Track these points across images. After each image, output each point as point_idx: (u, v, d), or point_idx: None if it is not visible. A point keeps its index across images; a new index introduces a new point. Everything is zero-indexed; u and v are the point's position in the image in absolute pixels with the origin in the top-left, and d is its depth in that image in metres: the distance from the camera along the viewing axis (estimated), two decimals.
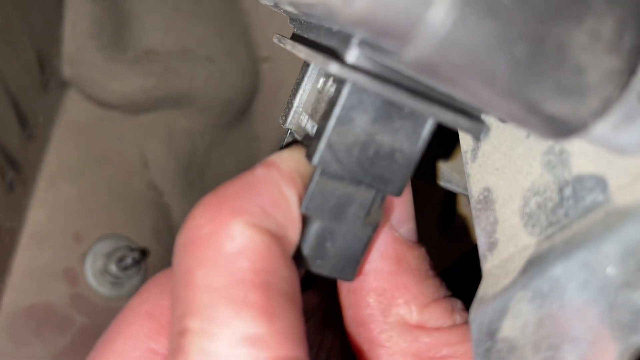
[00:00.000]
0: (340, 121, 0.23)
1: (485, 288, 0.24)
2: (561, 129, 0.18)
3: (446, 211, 0.50)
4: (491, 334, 0.22)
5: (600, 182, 0.21)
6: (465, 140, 0.30)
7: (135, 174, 0.65)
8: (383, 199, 0.24)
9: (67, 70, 0.61)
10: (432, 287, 0.25)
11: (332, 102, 0.23)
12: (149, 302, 0.24)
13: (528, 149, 0.25)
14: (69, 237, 0.60)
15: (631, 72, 0.17)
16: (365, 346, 0.24)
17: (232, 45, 0.68)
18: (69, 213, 0.61)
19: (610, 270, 0.18)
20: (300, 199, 0.23)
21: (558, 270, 0.20)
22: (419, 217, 0.28)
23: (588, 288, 0.19)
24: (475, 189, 0.28)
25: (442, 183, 0.34)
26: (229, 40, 0.68)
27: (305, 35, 0.27)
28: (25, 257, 0.57)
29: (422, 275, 0.24)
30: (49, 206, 0.59)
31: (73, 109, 0.62)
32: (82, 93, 0.63)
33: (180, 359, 0.19)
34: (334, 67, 0.21)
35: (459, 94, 0.18)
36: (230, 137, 0.72)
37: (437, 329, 0.24)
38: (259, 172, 0.22)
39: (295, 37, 0.28)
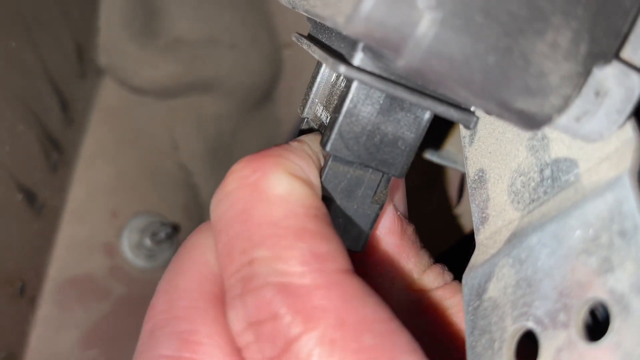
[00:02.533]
0: (349, 114, 0.27)
1: (477, 256, 0.28)
2: (530, 122, 0.21)
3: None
4: (479, 294, 0.25)
5: (573, 165, 0.25)
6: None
7: (166, 155, 0.70)
8: (388, 182, 0.28)
9: (102, 59, 0.66)
10: (426, 256, 0.29)
11: (342, 97, 0.27)
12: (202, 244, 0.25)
13: (516, 134, 0.29)
14: (106, 214, 0.65)
15: (587, 74, 0.20)
16: None
17: (255, 32, 0.71)
18: (107, 191, 0.65)
19: (573, 239, 0.22)
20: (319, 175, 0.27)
21: (534, 240, 0.24)
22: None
23: (555, 254, 0.22)
24: (471, 170, 0.32)
25: (448, 163, 0.37)
26: (252, 28, 0.71)
27: (319, 36, 0.31)
28: (67, 232, 0.62)
29: (418, 247, 0.28)
30: (88, 185, 0.64)
31: (108, 95, 0.67)
32: (117, 80, 0.67)
33: (254, 283, 0.21)
34: (342, 69, 0.25)
35: (445, 93, 0.22)
36: (254, 120, 0.76)
37: (434, 289, 0.28)
38: (294, 143, 0.26)
39: (311, 37, 0.32)
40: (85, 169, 0.65)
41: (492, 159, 0.30)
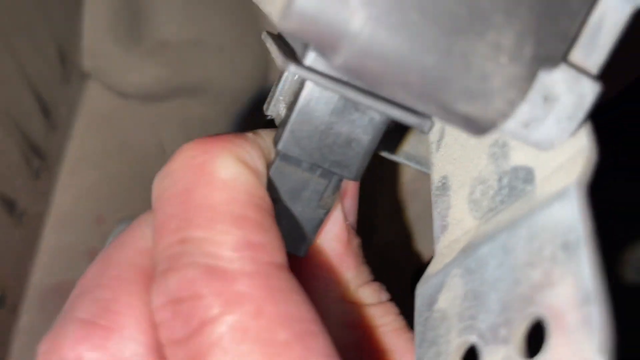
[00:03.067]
0: (301, 112, 0.26)
1: (432, 266, 0.27)
2: (475, 126, 0.20)
3: None
4: (430, 305, 0.24)
5: (530, 173, 0.24)
6: (432, 132, 0.33)
7: (152, 160, 0.69)
8: (337, 187, 0.27)
9: (87, 63, 0.65)
10: (366, 271, 0.28)
11: (296, 95, 0.26)
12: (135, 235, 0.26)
13: (479, 141, 0.28)
14: (91, 220, 0.64)
15: (533, 78, 0.19)
16: None
17: (243, 35, 0.71)
18: (92, 197, 0.65)
19: (519, 251, 0.21)
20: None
21: (485, 250, 0.23)
22: None
23: (503, 266, 0.21)
24: (435, 177, 0.31)
25: (417, 166, 0.36)
26: (240, 30, 0.71)
27: (285, 35, 0.30)
28: (51, 238, 0.62)
29: (360, 260, 0.28)
30: (72, 191, 0.64)
31: (93, 100, 0.66)
32: (102, 84, 0.66)
33: (181, 261, 0.21)
34: (291, 68, 0.24)
35: (385, 95, 0.21)
36: (242, 124, 0.75)
37: (369, 305, 0.27)
38: (249, 134, 0.26)
39: (279, 36, 0.31)
40: (70, 174, 0.64)
41: (456, 166, 0.29)
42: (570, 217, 0.18)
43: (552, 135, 0.20)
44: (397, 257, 0.63)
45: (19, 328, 0.58)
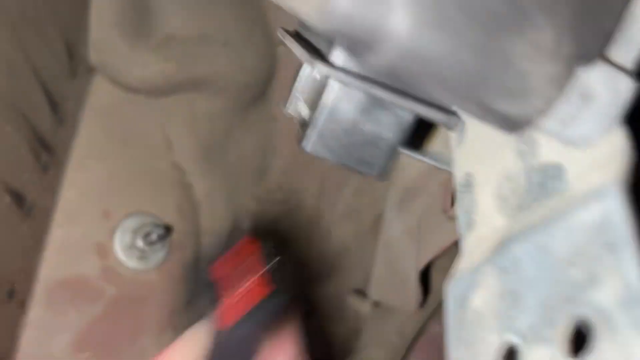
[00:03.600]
0: (328, 113, 0.26)
1: (462, 263, 0.27)
2: (512, 124, 0.20)
3: None
4: (463, 305, 0.24)
5: (562, 171, 0.23)
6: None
7: (159, 154, 0.69)
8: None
9: (93, 57, 0.65)
10: None
11: (319, 94, 0.26)
12: None
13: (505, 138, 0.28)
14: (98, 214, 0.64)
15: (570, 76, 0.19)
16: None
17: (248, 29, 0.70)
18: (98, 192, 0.64)
19: (558, 250, 0.21)
20: None
21: (518, 249, 0.23)
22: None
23: (540, 266, 0.21)
24: (459, 173, 0.30)
25: (432, 161, 0.36)
26: (246, 24, 0.70)
27: (306, 34, 0.30)
28: (58, 233, 0.62)
29: None
30: (79, 185, 0.63)
31: (100, 94, 0.66)
32: (108, 79, 0.66)
33: None
34: (320, 66, 0.24)
35: (422, 94, 0.21)
36: (249, 119, 0.75)
37: None
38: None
39: (297, 34, 0.31)
40: (77, 169, 0.64)
41: (479, 162, 0.29)
42: (612, 216, 0.18)
43: (588, 133, 0.20)
44: (404, 251, 0.63)
45: (26, 321, 0.58)
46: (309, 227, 0.80)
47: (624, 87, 0.20)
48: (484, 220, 0.27)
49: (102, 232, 0.64)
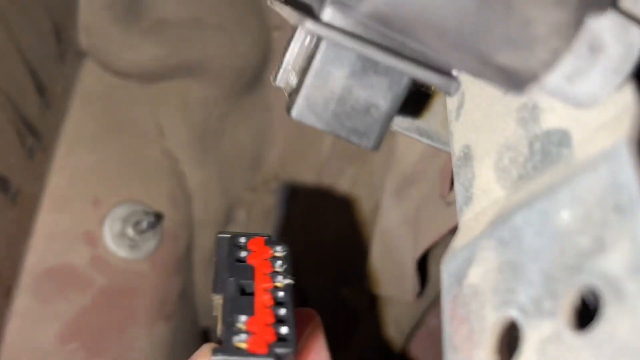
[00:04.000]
0: (317, 76, 0.24)
1: (458, 239, 0.25)
2: (514, 80, 0.18)
3: None
4: (459, 280, 0.23)
5: (566, 136, 0.22)
6: (451, 99, 0.31)
7: (151, 141, 0.67)
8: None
9: (83, 41, 0.63)
10: None
11: (310, 58, 0.24)
12: None
13: (504, 106, 0.26)
14: (88, 202, 0.63)
15: (578, 25, 0.18)
16: None
17: (242, 14, 0.69)
18: (88, 179, 0.63)
19: (563, 217, 0.19)
20: None
21: (519, 219, 0.21)
22: None
23: (543, 234, 0.20)
24: (456, 146, 0.29)
25: (429, 142, 0.35)
26: (240, 8, 0.69)
27: None
28: (46, 220, 0.60)
29: None
30: (68, 172, 0.62)
31: (90, 79, 0.64)
32: (99, 63, 0.64)
33: None
34: (309, 24, 0.22)
35: (416, 46, 0.19)
36: (243, 106, 0.73)
37: None
38: None
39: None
40: (66, 155, 0.62)
41: (479, 133, 0.28)
42: (621, 177, 0.17)
43: (597, 90, 0.19)
44: (401, 240, 0.62)
45: (13, 311, 0.56)
46: (305, 217, 0.79)
47: (637, 40, 0.18)
48: (483, 194, 0.25)
49: (91, 220, 0.62)
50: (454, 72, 0.23)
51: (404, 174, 0.62)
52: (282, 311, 0.25)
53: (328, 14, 0.22)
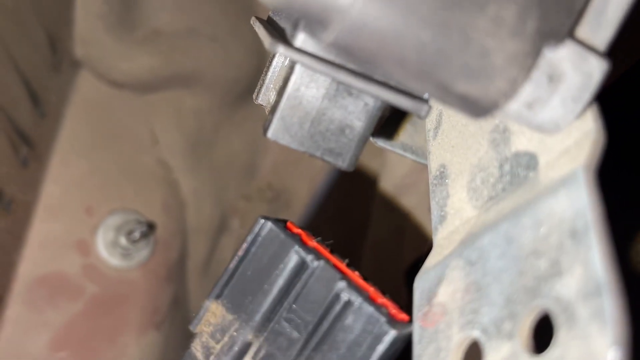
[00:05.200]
0: (291, 97, 0.25)
1: (430, 258, 0.26)
2: (475, 107, 0.19)
3: None
4: (429, 298, 0.23)
5: (533, 159, 0.22)
6: (430, 119, 0.32)
7: (145, 150, 0.68)
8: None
9: (78, 51, 0.64)
10: None
11: (286, 80, 0.25)
12: None
13: (479, 127, 0.27)
14: (81, 211, 0.63)
15: (536, 55, 0.18)
16: None
17: (236, 24, 0.69)
18: (81, 188, 0.63)
19: (524, 239, 0.19)
20: None
21: (486, 240, 0.22)
22: None
23: (505, 256, 0.20)
24: (433, 165, 0.29)
25: (414, 157, 0.35)
26: (234, 19, 0.69)
27: (275, 18, 0.29)
28: (39, 229, 0.60)
29: None
30: (62, 181, 0.62)
31: (85, 88, 0.65)
32: (93, 73, 0.65)
33: None
34: (280, 49, 0.23)
35: (381, 75, 0.20)
36: (236, 116, 0.74)
37: None
38: None
39: (269, 20, 0.30)
40: (60, 164, 0.63)
41: (454, 153, 0.28)
42: (578, 203, 0.17)
43: (557, 117, 0.19)
44: (391, 251, 0.62)
45: (4, 319, 0.57)
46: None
47: (595, 69, 0.19)
48: (456, 213, 0.26)
49: (84, 229, 0.63)
50: (425, 95, 0.24)
51: (395, 185, 0.62)
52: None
53: (300, 39, 0.23)
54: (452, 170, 0.28)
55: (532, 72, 0.18)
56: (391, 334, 0.24)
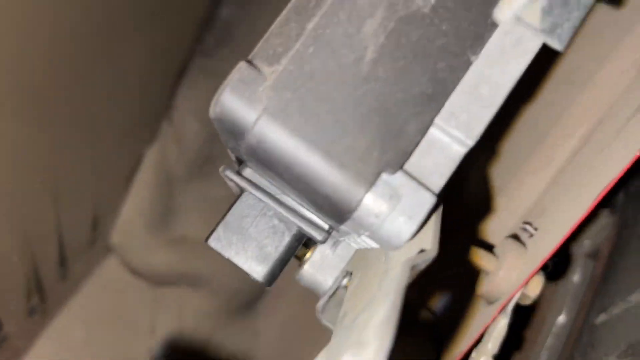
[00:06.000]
0: (232, 214, 0.32)
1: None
2: (337, 211, 0.26)
3: None
4: None
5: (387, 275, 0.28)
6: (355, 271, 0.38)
7: (140, 337, 0.73)
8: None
9: (114, 237, 0.75)
10: None
11: (236, 199, 0.33)
12: None
13: (375, 270, 0.33)
14: None
15: (378, 177, 0.26)
16: None
17: None
18: (72, 355, 0.68)
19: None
20: None
21: None
22: None
23: None
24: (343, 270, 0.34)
25: None
26: None
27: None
28: None
29: None
30: (57, 343, 0.68)
31: (108, 268, 0.74)
32: (120, 259, 0.75)
33: None
34: (226, 173, 0.31)
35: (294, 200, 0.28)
36: (232, 325, 0.79)
37: None
38: None
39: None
40: (61, 326, 0.69)
41: (363, 266, 0.33)
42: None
43: (400, 230, 0.26)
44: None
45: None
46: None
47: (426, 200, 0.26)
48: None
49: None
50: (325, 226, 0.31)
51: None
52: None
53: (248, 170, 0.32)
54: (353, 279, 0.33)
55: (374, 188, 0.26)
56: None
